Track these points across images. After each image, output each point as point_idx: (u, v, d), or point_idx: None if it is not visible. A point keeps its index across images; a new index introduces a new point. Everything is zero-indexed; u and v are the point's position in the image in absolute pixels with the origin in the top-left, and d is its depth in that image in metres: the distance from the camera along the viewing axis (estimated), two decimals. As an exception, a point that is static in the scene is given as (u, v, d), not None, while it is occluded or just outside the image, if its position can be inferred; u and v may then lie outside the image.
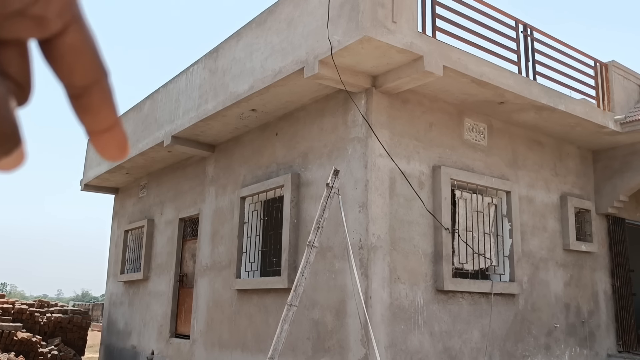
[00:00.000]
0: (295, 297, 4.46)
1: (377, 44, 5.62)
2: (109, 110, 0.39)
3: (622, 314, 8.73)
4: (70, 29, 0.37)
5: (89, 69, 0.38)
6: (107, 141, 0.40)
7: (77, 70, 0.37)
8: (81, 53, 0.37)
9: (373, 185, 6.22)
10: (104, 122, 0.39)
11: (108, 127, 0.39)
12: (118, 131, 0.40)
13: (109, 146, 0.40)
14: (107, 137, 0.39)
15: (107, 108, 0.39)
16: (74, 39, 0.37)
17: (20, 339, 10.44)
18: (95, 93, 0.38)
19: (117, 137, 0.40)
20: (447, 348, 6.52)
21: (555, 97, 7.32)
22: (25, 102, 0.39)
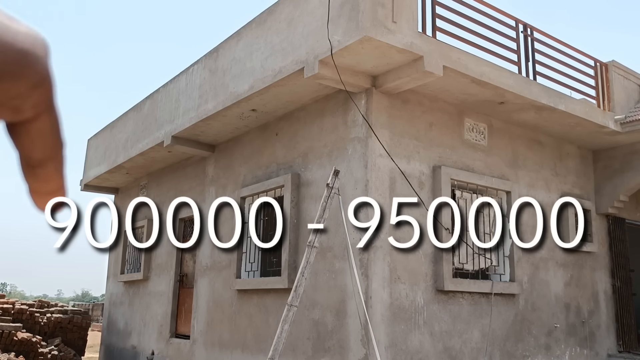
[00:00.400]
0: (296, 298, 4.46)
1: (377, 44, 5.62)
2: (58, 178, 0.43)
3: (622, 314, 8.73)
4: (41, 117, 0.40)
5: (50, 147, 0.41)
6: (46, 199, 0.44)
7: (38, 148, 0.41)
8: (46, 135, 0.41)
9: (373, 185, 6.22)
10: (51, 187, 0.43)
11: (53, 191, 0.43)
12: (61, 194, 0.44)
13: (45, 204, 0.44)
14: (49, 198, 0.43)
15: (57, 177, 0.42)
16: (43, 124, 0.40)
17: (21, 339, 10.44)
18: (50, 165, 0.42)
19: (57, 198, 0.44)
20: (448, 348, 6.52)
21: (555, 97, 7.32)
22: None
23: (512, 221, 7.44)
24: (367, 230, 6.03)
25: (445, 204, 6.67)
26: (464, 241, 6.85)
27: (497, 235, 7.38)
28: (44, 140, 0.41)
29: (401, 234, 6.33)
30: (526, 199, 7.65)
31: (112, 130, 11.95)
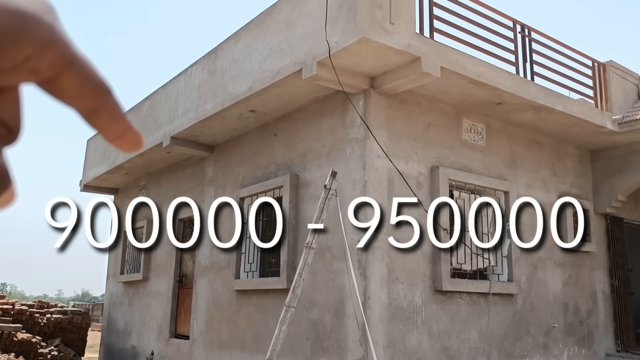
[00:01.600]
0: (294, 299, 4.48)
1: (374, 45, 5.64)
2: (118, 122, 0.42)
3: (620, 314, 8.75)
4: (64, 74, 0.39)
5: (90, 98, 0.40)
6: (122, 143, 0.44)
7: (79, 102, 0.40)
8: (79, 89, 0.40)
9: (371, 186, 6.24)
10: (116, 131, 0.42)
11: (121, 134, 0.43)
12: (131, 134, 0.44)
13: (125, 146, 0.44)
14: (122, 141, 0.43)
15: (116, 121, 0.42)
16: (69, 80, 0.39)
17: (20, 339, 10.46)
18: (102, 113, 0.41)
19: (130, 139, 0.44)
20: (446, 348, 6.54)
21: (553, 97, 7.34)
22: (13, 143, 0.42)
23: (512, 221, 7.46)
24: (366, 231, 6.05)
25: (443, 205, 6.69)
26: (462, 241, 6.87)
27: (497, 236, 7.40)
28: (79, 94, 0.40)
29: (399, 234, 6.35)
30: (526, 199, 7.68)
31: (112, 131, 11.95)
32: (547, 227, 8.09)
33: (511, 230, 7.44)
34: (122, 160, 11.02)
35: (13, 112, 0.41)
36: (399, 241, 6.32)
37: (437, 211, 6.62)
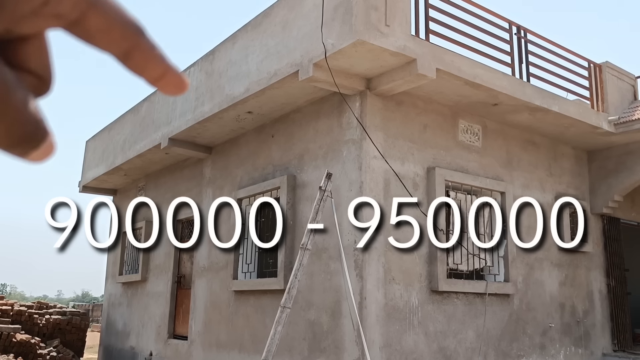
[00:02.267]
0: (289, 300, 4.52)
1: (370, 47, 5.67)
2: (156, 62, 0.40)
3: (617, 313, 8.79)
4: (88, 15, 0.37)
5: (121, 39, 0.39)
6: (164, 85, 0.42)
7: (110, 44, 0.39)
8: (108, 30, 0.38)
9: (367, 187, 6.27)
10: (155, 72, 0.41)
11: (161, 75, 0.41)
12: (171, 74, 0.42)
13: (168, 88, 0.42)
14: (163, 82, 0.42)
15: (153, 61, 0.40)
16: (96, 21, 0.38)
17: (20, 340, 10.48)
18: (136, 55, 0.39)
19: (172, 80, 0.42)
20: (442, 348, 6.57)
21: (548, 98, 7.37)
22: (46, 93, 0.41)
23: (511, 221, 7.49)
24: (363, 231, 6.09)
25: (440, 206, 6.72)
26: (459, 242, 6.90)
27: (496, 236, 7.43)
28: (109, 35, 0.39)
29: (397, 235, 6.38)
30: (525, 199, 7.71)
31: (110, 132, 12.00)
32: (546, 227, 8.12)
33: (508, 230, 7.47)
34: (120, 161, 11.05)
35: (43, 60, 0.40)
36: (396, 242, 6.35)
37: (435, 212, 6.65)
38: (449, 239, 6.82)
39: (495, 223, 7.44)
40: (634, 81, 8.92)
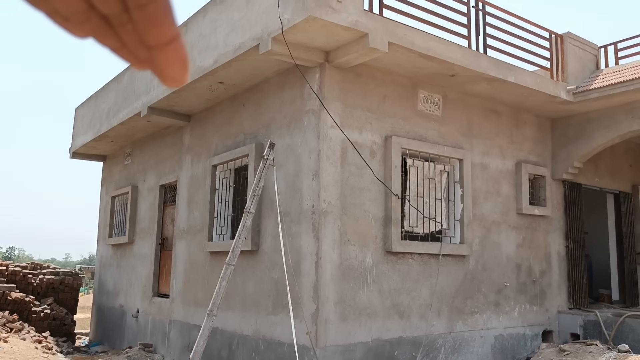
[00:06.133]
0: (233, 258, 4.97)
1: (322, 22, 5.98)
2: (172, 20, 0.37)
3: (574, 274, 9.26)
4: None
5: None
6: (170, 56, 0.38)
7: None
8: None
9: (325, 155, 6.66)
10: (167, 33, 0.37)
11: (171, 39, 0.37)
12: (179, 43, 0.38)
13: (172, 62, 0.38)
14: (170, 51, 0.38)
15: (170, 17, 0.37)
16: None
17: (14, 298, 11.09)
18: (151, 6, 0.36)
19: (179, 50, 0.38)
20: (396, 304, 7.07)
21: (504, 69, 7.68)
22: None
23: (465, 187, 7.90)
24: (319, 197, 6.52)
25: (396, 172, 7.13)
26: (414, 206, 7.33)
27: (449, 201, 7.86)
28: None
29: (352, 199, 6.80)
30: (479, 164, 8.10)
31: (97, 100, 12.36)
32: (502, 192, 8.53)
33: (464, 195, 7.89)
34: (106, 128, 11.45)
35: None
36: (351, 206, 6.78)
37: (389, 178, 7.06)
38: (404, 204, 7.25)
39: (452, 188, 7.86)
40: (596, 51, 9.17)
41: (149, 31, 0.36)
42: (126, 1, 0.35)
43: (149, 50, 0.37)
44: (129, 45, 0.36)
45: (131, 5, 0.35)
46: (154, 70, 0.39)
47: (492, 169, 8.43)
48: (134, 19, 0.36)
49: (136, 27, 0.36)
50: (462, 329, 7.72)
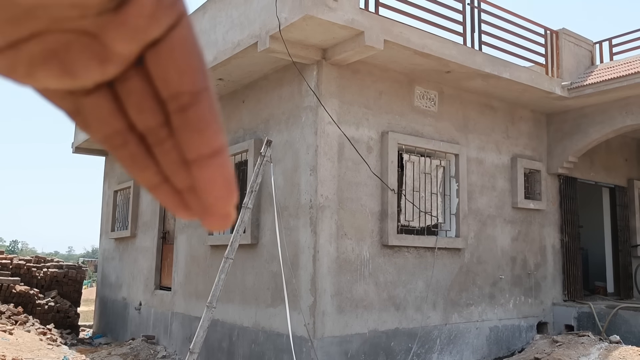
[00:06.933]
0: (231, 252, 5.13)
1: (319, 21, 6.11)
2: (217, 127, 0.31)
3: (569, 267, 9.41)
4: (182, 22, 0.30)
5: (201, 70, 0.30)
6: (213, 175, 0.31)
7: (188, 71, 0.30)
8: (193, 50, 0.30)
9: (322, 151, 6.81)
10: (211, 142, 0.31)
11: (216, 150, 0.31)
12: (225, 158, 0.31)
13: (216, 183, 0.31)
14: (213, 168, 0.31)
15: (215, 123, 0.31)
16: (186, 32, 0.30)
17: (19, 291, 11.29)
18: (205, 101, 0.30)
19: (224, 168, 0.31)
20: (392, 296, 7.23)
21: (499, 65, 7.80)
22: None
23: (461, 181, 8.05)
24: (316, 191, 6.67)
25: (392, 167, 7.27)
26: (409, 201, 7.47)
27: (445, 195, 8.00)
28: (191, 58, 0.30)
29: (349, 194, 6.95)
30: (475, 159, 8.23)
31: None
32: (498, 186, 8.67)
33: (460, 190, 8.03)
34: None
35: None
36: (348, 201, 6.93)
37: (385, 173, 7.21)
38: (400, 198, 7.40)
39: (447, 183, 8.00)
40: (591, 47, 9.28)
41: (189, 141, 0.30)
42: (167, 107, 0.30)
43: (189, 171, 0.31)
44: (168, 170, 0.31)
45: (172, 109, 0.30)
46: (196, 205, 0.31)
47: (487, 164, 8.57)
48: (174, 128, 0.30)
49: (176, 141, 0.31)
50: (457, 321, 7.88)
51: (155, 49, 0.29)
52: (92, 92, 0.30)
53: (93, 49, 0.28)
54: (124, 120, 0.31)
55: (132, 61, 0.29)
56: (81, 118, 0.31)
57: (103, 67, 0.29)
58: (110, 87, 0.30)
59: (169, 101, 0.30)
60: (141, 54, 0.29)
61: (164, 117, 0.31)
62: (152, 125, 0.31)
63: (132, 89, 0.30)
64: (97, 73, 0.29)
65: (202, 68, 0.30)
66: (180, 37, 0.30)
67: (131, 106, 0.30)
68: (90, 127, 0.31)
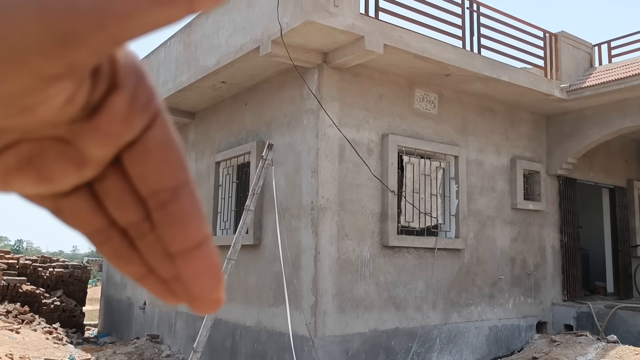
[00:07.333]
0: (234, 253, 5.25)
1: (319, 26, 6.23)
2: (198, 220, 0.31)
3: (568, 267, 9.51)
4: (156, 121, 0.30)
5: (179, 166, 0.30)
6: (198, 266, 0.31)
7: (166, 169, 0.30)
8: (170, 147, 0.30)
9: (323, 153, 6.93)
10: (194, 236, 0.31)
11: (199, 243, 0.31)
12: (209, 249, 0.31)
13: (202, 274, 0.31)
14: (197, 260, 0.31)
15: (196, 217, 0.31)
16: (161, 132, 0.30)
17: (25, 291, 11.46)
18: (185, 196, 0.30)
19: (208, 257, 0.31)
20: (392, 296, 7.35)
21: (498, 68, 7.90)
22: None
23: (459, 183, 8.15)
24: (317, 193, 6.79)
25: (392, 169, 7.38)
26: (409, 202, 7.58)
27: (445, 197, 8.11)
28: (169, 155, 0.30)
29: (350, 196, 7.07)
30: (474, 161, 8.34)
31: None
32: (497, 188, 8.78)
33: (459, 191, 8.14)
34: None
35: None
36: (348, 202, 7.05)
37: (385, 175, 7.32)
38: (400, 199, 7.51)
39: (447, 184, 8.11)
40: (590, 49, 9.37)
41: (172, 236, 0.31)
42: (147, 204, 0.30)
43: (173, 263, 0.31)
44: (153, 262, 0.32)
45: (152, 206, 0.30)
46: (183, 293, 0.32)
47: (487, 165, 8.67)
48: (155, 224, 0.31)
49: (158, 235, 0.31)
50: (457, 320, 7.99)
51: (131, 149, 0.29)
52: (71, 194, 0.30)
53: (68, 155, 0.28)
54: (105, 217, 0.31)
55: (108, 162, 0.30)
56: (63, 216, 0.31)
57: (79, 171, 0.29)
58: (88, 187, 0.31)
59: (149, 198, 0.30)
60: (117, 155, 0.30)
61: (145, 212, 0.31)
62: (134, 220, 0.31)
63: (111, 187, 0.30)
64: (74, 177, 0.29)
65: (180, 163, 0.30)
66: (155, 137, 0.30)
67: (111, 204, 0.31)
68: (73, 225, 0.31)
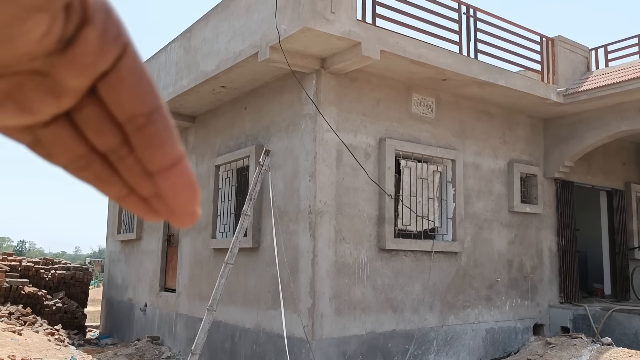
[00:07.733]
0: (231, 257, 5.34)
1: (317, 33, 6.32)
2: (173, 140, 0.34)
3: (565, 269, 9.57)
4: (127, 52, 0.32)
5: (151, 92, 0.33)
6: (176, 182, 0.34)
7: (139, 95, 0.33)
8: (141, 75, 0.33)
9: (321, 157, 7.01)
10: (171, 154, 0.34)
11: (175, 161, 0.34)
12: (185, 165, 0.35)
13: (180, 188, 0.34)
14: (174, 175, 0.34)
15: (171, 137, 0.34)
16: (132, 61, 0.32)
17: (27, 292, 11.56)
18: (159, 119, 0.33)
19: (184, 173, 0.35)
20: (389, 299, 7.43)
21: (495, 73, 7.97)
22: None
23: (458, 186, 8.23)
24: (315, 197, 6.87)
25: (389, 173, 7.46)
26: (407, 206, 7.66)
27: (442, 200, 8.18)
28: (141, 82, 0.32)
29: (347, 199, 7.15)
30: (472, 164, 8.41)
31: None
32: (494, 191, 8.85)
33: (456, 194, 8.21)
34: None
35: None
36: (346, 206, 7.13)
37: (382, 179, 7.40)
38: (397, 203, 7.59)
39: (444, 188, 8.18)
40: (587, 53, 9.43)
41: (149, 156, 0.33)
42: (124, 129, 0.33)
43: (153, 181, 0.34)
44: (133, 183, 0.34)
45: (129, 130, 0.33)
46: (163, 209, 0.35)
47: (484, 169, 8.74)
48: (133, 146, 0.33)
49: (137, 157, 0.33)
50: (454, 323, 8.06)
51: (106, 79, 0.32)
52: (51, 124, 0.33)
53: (46, 86, 0.31)
54: (85, 144, 0.33)
55: (85, 92, 0.32)
56: (42, 149, 0.33)
57: (58, 101, 0.32)
58: (67, 116, 0.33)
59: (125, 123, 0.33)
60: (93, 85, 0.32)
61: (122, 137, 0.33)
62: (113, 145, 0.33)
63: (89, 115, 0.33)
64: (53, 107, 0.32)
65: (152, 90, 0.33)
66: (127, 66, 0.32)
67: (90, 131, 0.33)
68: (53, 155, 0.34)
